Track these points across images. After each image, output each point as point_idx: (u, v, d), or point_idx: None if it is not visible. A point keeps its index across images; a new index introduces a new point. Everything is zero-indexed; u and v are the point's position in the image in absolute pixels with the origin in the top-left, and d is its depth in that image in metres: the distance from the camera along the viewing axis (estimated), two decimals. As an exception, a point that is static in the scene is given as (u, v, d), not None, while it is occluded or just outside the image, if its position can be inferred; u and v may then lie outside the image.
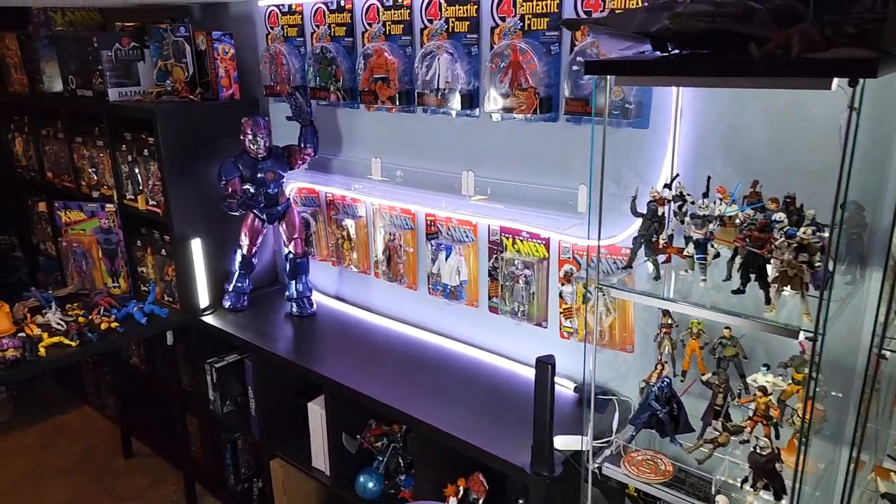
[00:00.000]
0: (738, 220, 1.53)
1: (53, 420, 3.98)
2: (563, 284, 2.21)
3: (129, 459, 3.59)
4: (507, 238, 2.33)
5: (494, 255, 2.38)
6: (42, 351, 2.50)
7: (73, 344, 2.56)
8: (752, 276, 1.48)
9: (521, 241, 2.30)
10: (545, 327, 2.32)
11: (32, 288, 2.94)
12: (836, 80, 1.15)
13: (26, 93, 3.54)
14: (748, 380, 1.68)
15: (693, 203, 1.65)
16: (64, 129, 3.28)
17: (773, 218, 1.44)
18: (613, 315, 2.13)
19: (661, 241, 1.65)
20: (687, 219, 1.59)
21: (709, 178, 1.68)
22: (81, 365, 3.87)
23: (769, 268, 1.46)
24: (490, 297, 2.43)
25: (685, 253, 1.61)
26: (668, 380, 1.70)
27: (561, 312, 2.24)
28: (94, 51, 2.88)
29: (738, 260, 1.54)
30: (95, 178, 3.19)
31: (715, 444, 1.68)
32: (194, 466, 3.26)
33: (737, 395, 1.71)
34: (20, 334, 2.55)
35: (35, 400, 4.18)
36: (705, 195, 1.67)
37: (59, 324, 2.67)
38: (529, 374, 2.36)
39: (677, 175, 1.75)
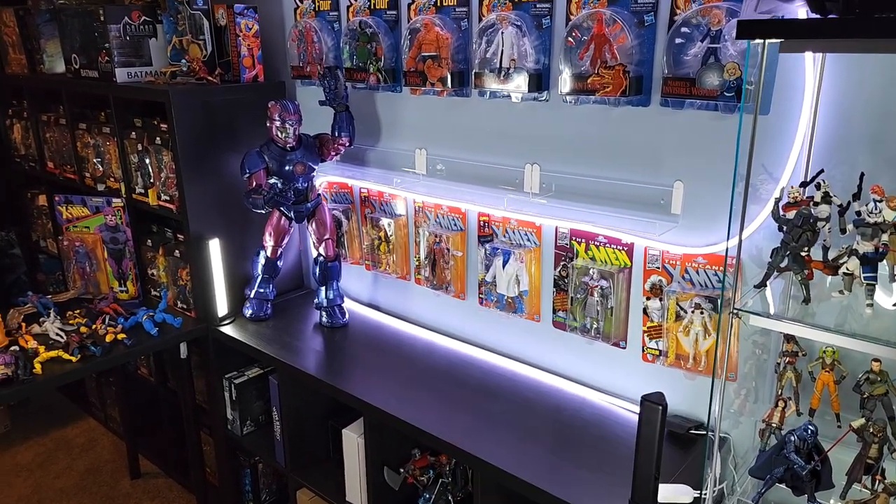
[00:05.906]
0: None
1: (54, 434, 3.65)
2: (648, 299, 1.88)
3: (136, 480, 3.25)
4: (579, 243, 2.00)
5: (562, 263, 2.05)
6: (38, 367, 2.16)
7: (74, 359, 2.23)
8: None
9: (597, 246, 1.97)
10: (623, 348, 1.99)
11: (29, 292, 2.61)
12: None
13: (25, 74, 3.21)
14: (913, 428, 1.34)
15: (835, 205, 1.32)
16: (66, 115, 2.95)
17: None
18: (713, 337, 1.80)
19: (805, 254, 1.32)
20: (850, 227, 1.26)
21: (861, 174, 1.35)
22: (85, 373, 3.55)
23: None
24: (555, 311, 2.10)
25: (843, 270, 1.28)
26: (813, 428, 1.36)
27: (645, 331, 1.91)
28: (101, 26, 2.55)
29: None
30: (101, 169, 2.86)
31: (871, 509, 1.35)
32: (209, 491, 2.95)
33: (898, 447, 1.37)
34: (13, 348, 2.22)
35: (34, 410, 3.85)
36: (856, 196, 1.34)
37: (58, 334, 2.35)
38: (603, 401, 2.04)
39: (821, 171, 1.41)
